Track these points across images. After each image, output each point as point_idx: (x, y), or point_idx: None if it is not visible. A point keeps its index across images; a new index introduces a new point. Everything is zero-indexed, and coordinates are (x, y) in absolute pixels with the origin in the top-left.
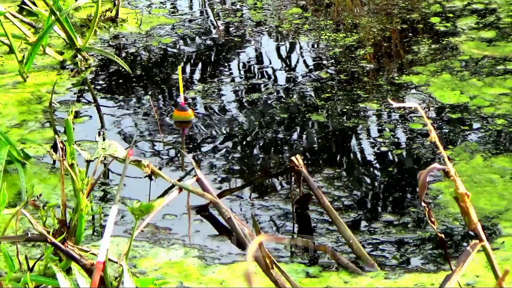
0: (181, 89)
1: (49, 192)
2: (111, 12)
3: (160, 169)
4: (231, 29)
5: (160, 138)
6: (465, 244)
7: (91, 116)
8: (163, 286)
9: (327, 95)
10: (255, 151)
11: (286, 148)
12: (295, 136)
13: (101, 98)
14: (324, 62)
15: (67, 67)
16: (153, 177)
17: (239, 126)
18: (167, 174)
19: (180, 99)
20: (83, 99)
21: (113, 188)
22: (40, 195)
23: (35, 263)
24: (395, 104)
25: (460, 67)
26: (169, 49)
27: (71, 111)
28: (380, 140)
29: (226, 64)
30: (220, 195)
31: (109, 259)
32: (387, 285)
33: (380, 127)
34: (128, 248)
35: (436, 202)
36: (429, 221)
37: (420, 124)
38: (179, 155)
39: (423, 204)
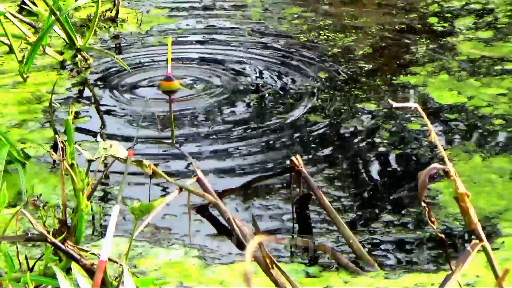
0: (169, 60)
1: (49, 192)
2: (111, 12)
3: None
4: (230, 28)
5: (160, 138)
6: (465, 244)
7: (91, 116)
8: (163, 286)
9: (325, 95)
10: (255, 151)
11: (286, 148)
12: (295, 136)
13: (101, 98)
14: (323, 62)
15: (67, 67)
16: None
17: (239, 126)
18: (167, 174)
19: (168, 70)
20: (83, 99)
21: (113, 188)
22: (40, 195)
23: (35, 263)
24: (395, 104)
25: (457, 68)
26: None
27: (71, 111)
28: (378, 140)
29: (225, 64)
30: (220, 195)
31: (109, 259)
32: (387, 285)
33: (378, 127)
34: (128, 248)
35: (436, 202)
36: (429, 221)
37: (418, 124)
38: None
39: (423, 204)
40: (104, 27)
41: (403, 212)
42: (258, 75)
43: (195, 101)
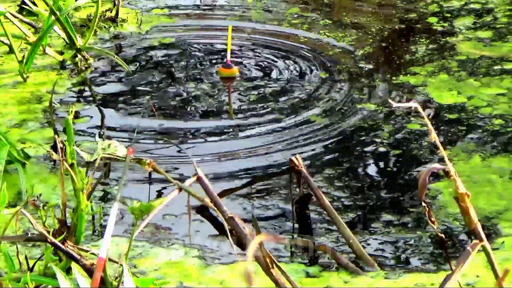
0: (229, 47)
1: (49, 192)
2: (111, 12)
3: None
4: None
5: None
6: (465, 244)
7: (91, 116)
8: (163, 286)
9: (325, 95)
10: (255, 151)
11: (286, 148)
12: (294, 136)
13: (101, 98)
14: (323, 62)
15: (67, 67)
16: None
17: (238, 126)
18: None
19: (227, 57)
20: (83, 99)
21: (113, 188)
22: (40, 195)
23: (35, 263)
24: (395, 104)
25: (457, 67)
26: (168, 49)
27: (71, 111)
28: (378, 140)
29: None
30: (220, 195)
31: (109, 259)
32: (387, 285)
33: (378, 127)
34: (128, 248)
35: (436, 202)
36: (429, 221)
37: (418, 124)
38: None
39: (423, 204)
40: (104, 27)
41: (403, 212)
42: (258, 75)
43: (196, 101)
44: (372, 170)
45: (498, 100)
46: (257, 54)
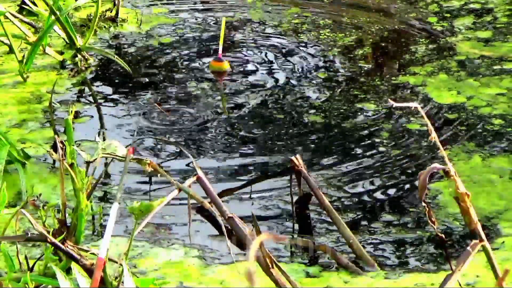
0: (221, 41)
1: (49, 192)
2: (111, 12)
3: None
4: (231, 28)
5: (163, 136)
6: (465, 244)
7: (91, 116)
8: (163, 286)
9: (325, 95)
10: (255, 151)
11: (286, 148)
12: (294, 136)
13: (101, 98)
14: (323, 62)
15: (67, 67)
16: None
17: (238, 126)
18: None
19: (219, 51)
20: (83, 99)
21: (113, 188)
22: (40, 195)
23: (35, 263)
24: (395, 104)
25: (457, 67)
26: (169, 48)
27: (71, 111)
28: (378, 140)
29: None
30: (220, 195)
31: (109, 259)
32: (387, 285)
33: (378, 127)
34: (128, 248)
35: (436, 202)
36: (429, 221)
37: (418, 124)
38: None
39: (423, 204)
40: (104, 27)
41: (403, 212)
42: (257, 74)
43: (196, 101)
44: (372, 170)
45: (498, 100)
46: (256, 53)
